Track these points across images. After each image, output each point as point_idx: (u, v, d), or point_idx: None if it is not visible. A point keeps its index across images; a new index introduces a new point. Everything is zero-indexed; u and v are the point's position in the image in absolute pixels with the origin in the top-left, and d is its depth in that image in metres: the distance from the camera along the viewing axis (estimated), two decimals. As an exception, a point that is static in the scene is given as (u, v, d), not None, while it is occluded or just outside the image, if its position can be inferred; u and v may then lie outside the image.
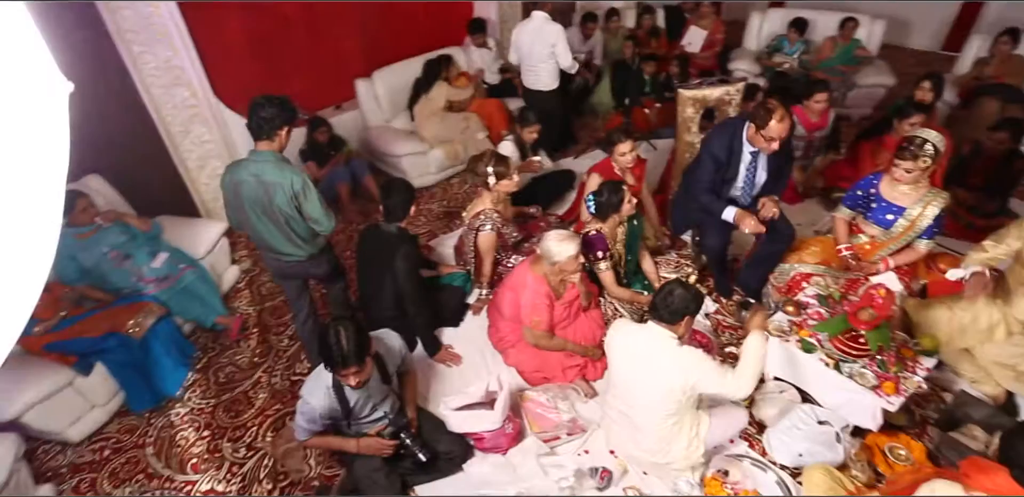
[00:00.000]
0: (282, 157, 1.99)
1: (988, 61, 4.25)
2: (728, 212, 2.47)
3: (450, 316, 2.65)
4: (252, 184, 1.94)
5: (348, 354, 1.62)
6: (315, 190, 2.00)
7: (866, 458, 1.99)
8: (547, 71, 3.65)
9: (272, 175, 1.93)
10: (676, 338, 1.78)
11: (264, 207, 1.98)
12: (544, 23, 3.51)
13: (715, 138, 2.46)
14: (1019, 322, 2.19)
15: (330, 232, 2.12)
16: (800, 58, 4.75)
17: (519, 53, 3.70)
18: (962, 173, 3.24)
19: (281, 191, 1.94)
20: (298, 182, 1.94)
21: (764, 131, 2.27)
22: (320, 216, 2.03)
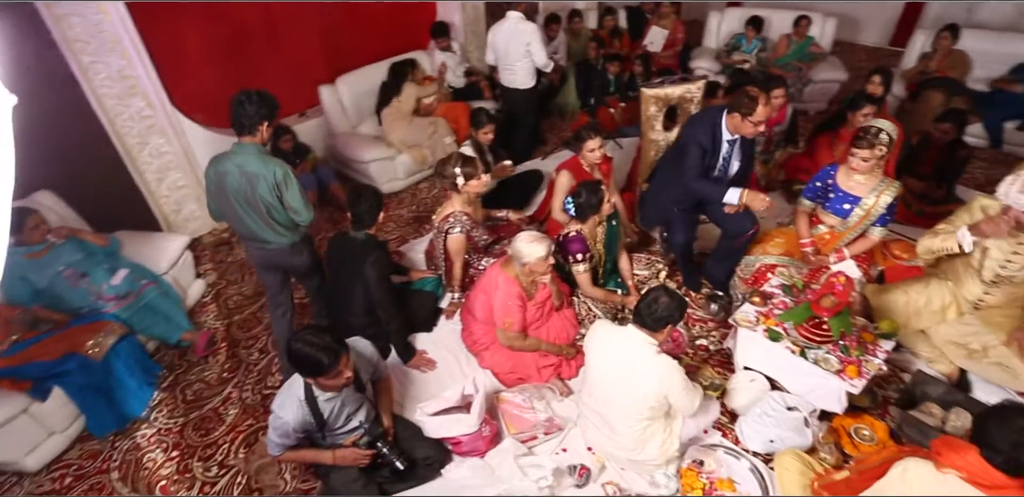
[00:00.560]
0: (264, 149, 2.08)
1: (931, 56, 4.45)
2: (732, 194, 2.46)
3: (423, 321, 2.63)
4: (236, 175, 2.02)
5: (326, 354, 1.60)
6: (296, 181, 2.08)
7: (833, 440, 2.05)
8: (523, 69, 3.71)
9: (255, 166, 2.01)
10: (656, 345, 1.80)
11: (247, 197, 2.06)
12: (518, 22, 3.58)
13: (698, 127, 2.50)
14: (968, 302, 2.30)
15: (309, 222, 2.20)
16: (758, 55, 4.89)
17: (496, 53, 3.74)
18: (911, 163, 3.38)
19: (264, 182, 2.02)
20: (280, 173, 2.03)
21: (751, 117, 2.35)
22: (300, 206, 2.12)
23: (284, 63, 3.70)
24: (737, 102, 2.37)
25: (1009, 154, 4.12)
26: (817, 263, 2.59)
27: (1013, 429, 1.31)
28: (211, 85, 3.35)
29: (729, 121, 2.45)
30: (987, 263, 2.19)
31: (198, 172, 3.27)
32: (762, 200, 2.44)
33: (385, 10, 4.25)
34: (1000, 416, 1.36)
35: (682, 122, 3.11)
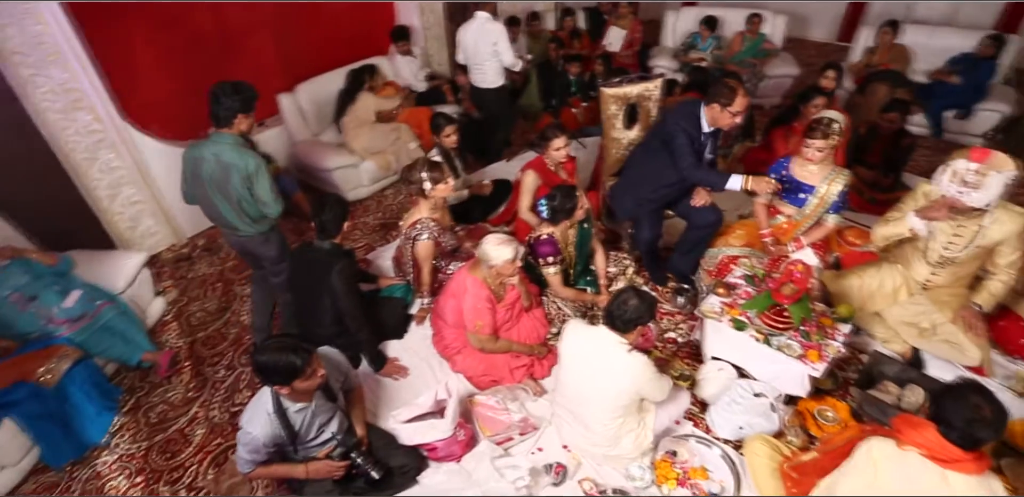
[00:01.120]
0: (242, 141, 2.13)
1: (875, 50, 4.66)
2: (735, 181, 2.50)
3: (393, 329, 2.61)
4: (212, 163, 2.11)
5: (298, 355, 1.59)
6: (267, 174, 2.16)
7: (799, 423, 2.12)
8: (492, 69, 3.76)
9: (230, 156, 2.09)
10: (627, 344, 1.82)
11: (220, 185, 2.14)
12: (486, 22, 3.62)
13: (682, 119, 2.54)
14: (917, 283, 2.41)
15: (277, 215, 2.28)
16: (713, 53, 5.03)
17: (465, 52, 3.76)
18: (861, 152, 3.52)
19: (237, 172, 2.10)
20: (252, 165, 2.11)
21: (731, 107, 2.42)
22: (269, 199, 2.20)
23: (240, 71, 3.61)
24: (717, 93, 2.44)
25: (950, 142, 4.34)
26: (777, 252, 2.67)
27: (967, 406, 1.37)
28: (164, 96, 3.25)
29: (708, 113, 2.51)
30: (932, 246, 2.30)
31: (153, 187, 3.17)
32: (767, 183, 2.51)
33: (343, 15, 4.20)
34: (955, 394, 1.42)
35: (642, 120, 3.18)
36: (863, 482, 1.52)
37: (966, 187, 2.02)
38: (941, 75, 4.40)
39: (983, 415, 1.35)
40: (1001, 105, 4.17)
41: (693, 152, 2.54)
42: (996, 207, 2.11)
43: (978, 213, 2.14)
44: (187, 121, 3.41)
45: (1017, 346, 2.40)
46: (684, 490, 1.90)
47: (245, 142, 2.17)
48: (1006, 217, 2.13)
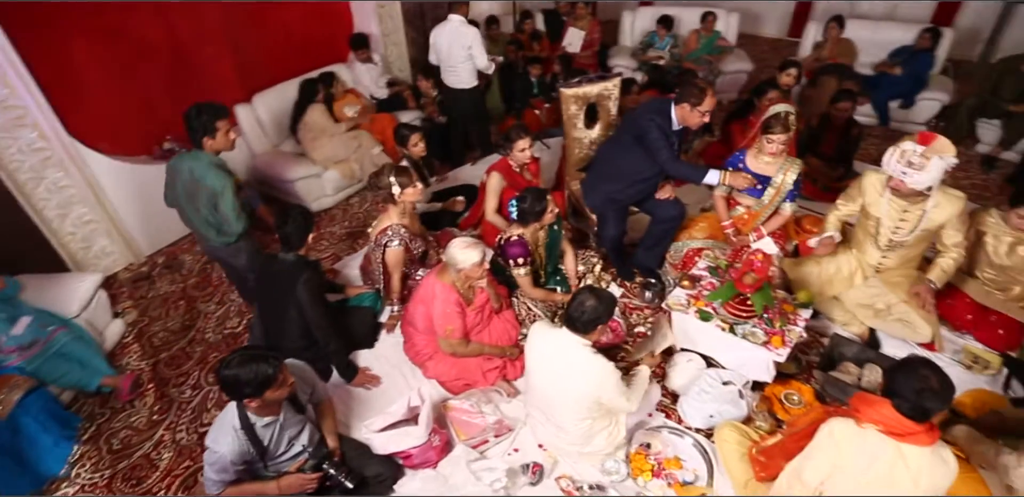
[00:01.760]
0: (217, 160, 2.27)
1: (823, 45, 4.84)
2: (712, 175, 2.60)
3: (363, 338, 2.58)
4: (187, 175, 2.26)
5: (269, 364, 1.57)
6: (232, 196, 2.27)
7: (766, 408, 2.17)
8: (466, 71, 3.79)
9: (200, 173, 2.22)
10: (590, 345, 1.82)
11: (191, 197, 2.30)
12: (460, 26, 3.64)
13: (655, 115, 2.60)
14: (871, 267, 2.51)
15: (238, 233, 2.38)
16: (671, 51, 5.14)
17: (439, 54, 3.78)
18: (814, 143, 3.65)
19: (204, 189, 2.24)
20: (218, 185, 2.23)
21: (700, 107, 2.49)
22: (232, 218, 2.31)
23: (194, 83, 3.54)
24: (687, 93, 2.50)
25: (896, 130, 4.53)
26: (739, 243, 2.74)
27: (916, 378, 1.44)
28: (114, 111, 3.16)
29: (678, 112, 2.57)
30: (881, 230, 2.40)
31: (106, 205, 3.07)
32: (744, 177, 2.60)
33: (300, 23, 4.15)
34: (905, 369, 1.49)
35: (603, 119, 3.23)
36: (827, 462, 1.56)
37: (910, 168, 2.11)
38: (884, 67, 4.60)
39: (931, 386, 1.41)
40: (940, 94, 4.38)
41: (669, 146, 2.59)
42: (937, 192, 2.22)
43: (921, 198, 2.25)
44: (138, 136, 3.32)
45: (964, 322, 2.52)
46: (659, 481, 1.93)
47: (220, 161, 2.28)
48: (946, 201, 2.23)
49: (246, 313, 2.87)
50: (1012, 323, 2.42)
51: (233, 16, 3.63)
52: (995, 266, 2.49)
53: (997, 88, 4.00)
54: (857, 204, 2.46)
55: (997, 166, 4.05)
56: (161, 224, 3.39)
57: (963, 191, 2.27)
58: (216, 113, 2.21)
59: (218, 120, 2.22)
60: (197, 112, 2.18)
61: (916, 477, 1.47)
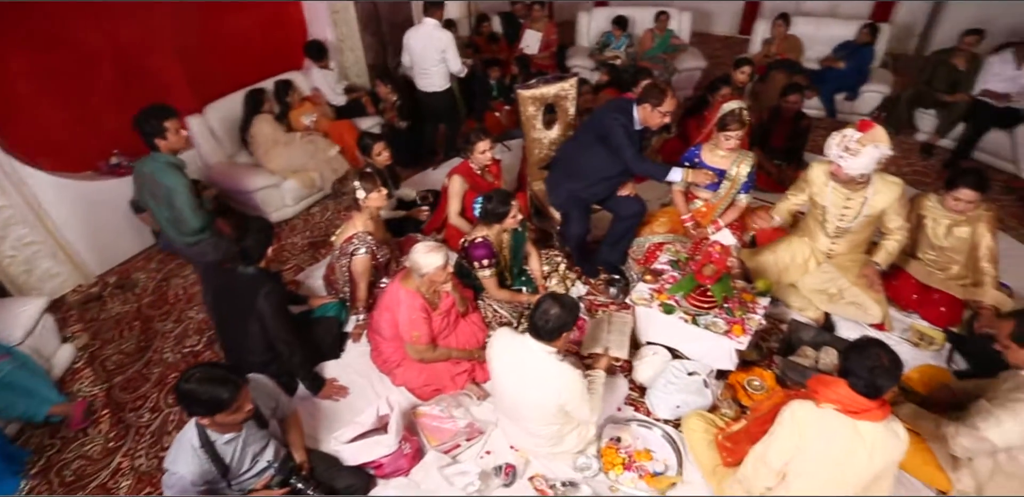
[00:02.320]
0: (173, 160, 2.32)
1: (772, 41, 5.02)
2: (675, 173, 2.68)
3: (329, 348, 2.53)
4: (147, 177, 2.32)
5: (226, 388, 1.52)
6: (186, 192, 2.31)
7: (730, 395, 2.23)
8: (438, 74, 3.82)
9: (158, 174, 2.29)
10: (555, 351, 1.81)
11: (155, 198, 2.37)
12: (434, 30, 3.67)
13: (619, 115, 2.63)
14: (822, 253, 2.60)
15: (193, 230, 2.40)
16: (627, 51, 5.23)
17: (412, 57, 3.80)
18: (766, 136, 3.78)
19: (162, 189, 2.30)
20: (171, 182, 2.29)
21: (661, 107, 2.54)
22: (187, 215, 2.34)
23: (141, 94, 3.39)
24: (648, 94, 2.55)
25: (842, 121, 4.71)
26: (699, 235, 2.81)
27: (867, 356, 1.51)
28: (54, 125, 3.02)
29: (640, 112, 2.61)
30: (828, 218, 2.50)
31: (49, 225, 2.92)
32: (705, 174, 2.68)
33: (253, 31, 4.06)
34: (857, 349, 1.56)
35: (561, 119, 3.26)
36: (790, 443, 1.61)
37: (846, 153, 2.21)
38: (829, 62, 4.79)
39: (882, 363, 1.49)
40: (881, 86, 4.60)
41: (632, 144, 2.63)
42: (876, 179, 2.32)
43: (862, 186, 2.35)
44: (83, 151, 3.19)
45: (909, 301, 2.64)
46: (631, 473, 1.96)
47: (176, 161, 2.34)
48: (885, 187, 2.34)
49: (206, 330, 2.79)
50: (952, 300, 2.55)
51: (182, 24, 3.52)
52: (935, 247, 2.62)
53: (931, 79, 4.22)
54: (806, 194, 2.55)
55: (934, 153, 4.27)
56: (111, 242, 3.25)
57: (904, 177, 2.39)
58: (162, 114, 2.26)
59: (165, 120, 2.26)
60: (144, 117, 2.25)
61: (871, 451, 1.53)
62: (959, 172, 2.48)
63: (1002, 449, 1.70)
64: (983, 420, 1.70)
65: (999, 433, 1.66)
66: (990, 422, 1.68)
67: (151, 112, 2.26)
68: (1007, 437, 1.65)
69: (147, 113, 2.26)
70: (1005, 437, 1.65)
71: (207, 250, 2.50)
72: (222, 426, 1.63)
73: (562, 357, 1.82)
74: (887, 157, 2.21)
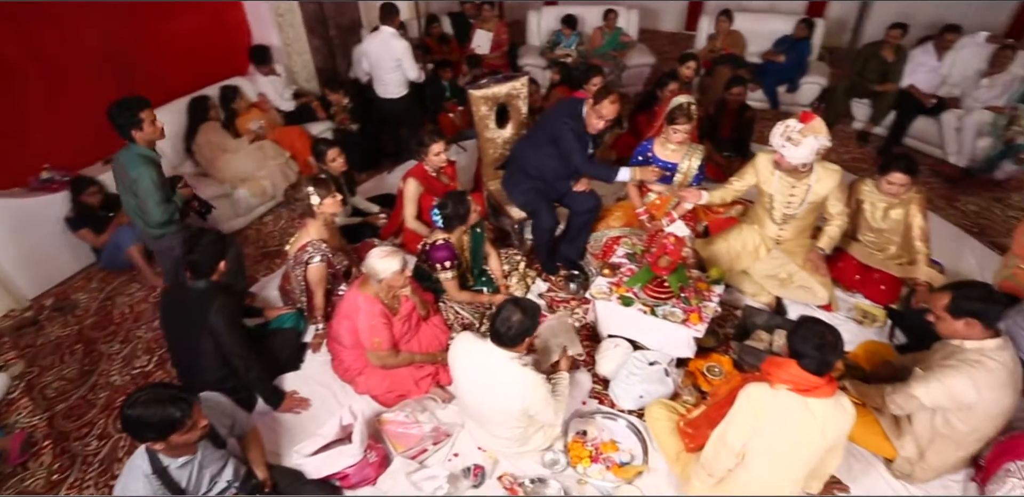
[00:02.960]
0: (144, 151, 2.34)
1: (716, 37, 5.18)
2: (623, 173, 2.72)
3: (288, 360, 2.46)
4: (120, 167, 2.37)
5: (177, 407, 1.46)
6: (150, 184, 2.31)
7: (691, 382, 2.29)
8: (394, 81, 3.86)
9: (128, 164, 2.31)
10: (518, 357, 1.81)
11: (124, 186, 2.41)
12: (390, 38, 3.72)
13: (568, 119, 2.65)
14: (771, 240, 2.71)
15: (157, 220, 2.41)
16: (578, 49, 5.30)
17: (370, 64, 3.83)
18: (714, 128, 3.90)
19: (128, 179, 2.33)
20: (135, 174, 2.30)
21: (598, 107, 2.57)
22: (150, 207, 2.35)
23: (72, 106, 3.22)
24: (595, 93, 2.60)
25: (785, 112, 4.91)
26: (653, 228, 2.87)
27: (813, 334, 1.58)
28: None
29: (586, 108, 2.65)
30: (775, 206, 2.60)
31: (-27, 246, 2.73)
32: (652, 171, 2.74)
33: (193, 37, 3.90)
34: (801, 329, 1.62)
35: (514, 118, 3.27)
36: (747, 425, 1.66)
37: (789, 143, 2.31)
38: (770, 55, 4.99)
39: (827, 340, 1.56)
40: (819, 78, 4.83)
41: (583, 148, 2.66)
42: (817, 167, 2.43)
43: (805, 174, 2.45)
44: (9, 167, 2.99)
45: (852, 282, 2.78)
46: (598, 465, 1.98)
47: (148, 152, 2.35)
48: (826, 175, 2.46)
49: (156, 349, 2.66)
50: (891, 279, 2.70)
51: (114, 32, 3.35)
52: (873, 229, 2.77)
53: (863, 71, 4.45)
54: (747, 181, 2.64)
55: (870, 140, 4.51)
56: (46, 262, 3.06)
57: (843, 164, 2.50)
58: (137, 105, 2.29)
59: (140, 111, 2.28)
60: (117, 108, 2.26)
61: (823, 427, 1.60)
62: (891, 158, 2.62)
63: (929, 407, 1.81)
64: (916, 382, 1.81)
65: (925, 391, 1.76)
66: (919, 382, 1.79)
67: (125, 104, 2.26)
68: (932, 394, 1.75)
69: (121, 105, 2.26)
70: (931, 394, 1.76)
71: (173, 244, 2.49)
72: (175, 449, 1.56)
73: (524, 362, 1.82)
74: (825, 148, 2.32)
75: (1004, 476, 1.80)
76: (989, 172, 3.83)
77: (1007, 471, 1.80)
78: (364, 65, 3.93)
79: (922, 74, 4.28)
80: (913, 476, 1.99)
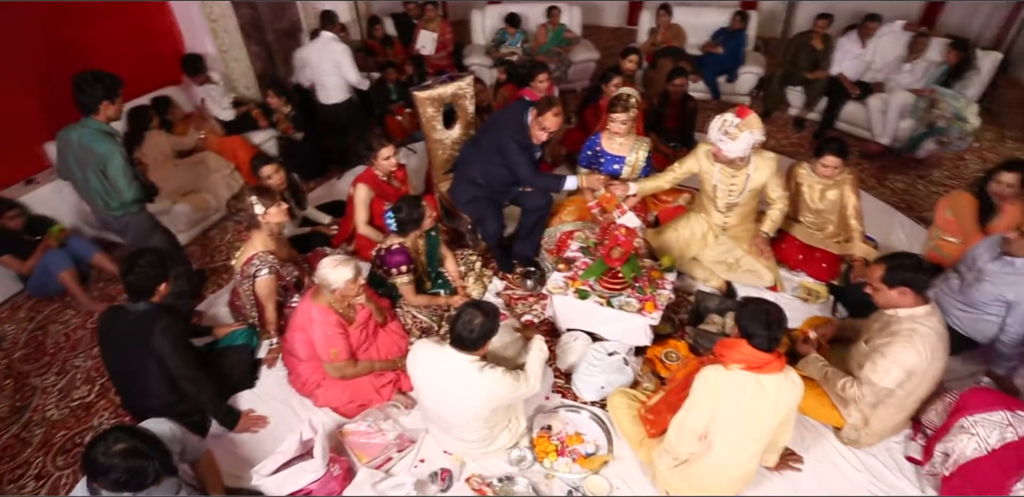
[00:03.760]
0: (106, 128, 2.30)
1: (657, 30, 5.30)
2: (570, 182, 2.75)
3: (242, 379, 2.37)
4: (76, 145, 2.28)
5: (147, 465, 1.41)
6: (121, 161, 2.29)
7: (649, 369, 2.34)
8: (334, 85, 3.86)
9: (89, 139, 2.25)
10: (478, 359, 1.80)
11: (82, 166, 2.32)
12: (328, 42, 3.75)
13: (510, 130, 2.65)
14: (717, 227, 2.79)
15: (129, 200, 2.38)
16: (523, 46, 5.31)
17: (311, 71, 3.83)
18: (658, 120, 3.99)
19: (93, 156, 2.26)
20: (106, 150, 2.26)
21: (541, 119, 2.58)
22: (122, 185, 2.31)
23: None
24: (539, 103, 2.62)
25: (726, 102, 5.10)
26: (605, 220, 2.91)
27: (759, 313, 1.64)
28: None
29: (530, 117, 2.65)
30: (718, 195, 2.69)
31: None
32: (597, 179, 2.78)
33: (120, 46, 3.69)
34: (747, 310, 1.69)
35: (461, 118, 3.25)
36: (707, 407, 1.71)
37: (725, 137, 2.38)
38: (709, 47, 5.14)
39: (773, 317, 1.63)
40: (756, 68, 5.01)
41: (529, 159, 2.67)
42: (754, 157, 2.52)
43: (744, 164, 2.54)
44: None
45: (795, 261, 2.90)
46: (564, 458, 2.00)
47: (110, 129, 2.32)
48: (762, 163, 2.55)
49: (98, 377, 2.51)
50: (831, 257, 2.84)
51: (30, 44, 3.14)
52: (812, 210, 2.90)
53: (795, 59, 4.66)
54: (687, 168, 2.71)
55: (805, 125, 4.73)
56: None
57: (782, 150, 2.61)
58: (118, 82, 2.28)
59: (119, 87, 2.28)
60: (95, 78, 2.22)
61: (775, 401, 1.67)
62: (824, 141, 2.75)
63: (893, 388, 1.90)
64: (872, 371, 1.87)
65: (887, 379, 1.86)
66: (879, 373, 1.86)
67: (104, 76, 2.24)
68: (891, 376, 1.85)
69: (97, 76, 2.22)
70: (890, 377, 1.85)
71: (132, 222, 2.48)
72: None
73: (484, 364, 1.81)
74: (760, 142, 2.41)
75: (958, 432, 1.90)
76: (912, 151, 4.07)
77: (961, 427, 1.91)
78: (307, 73, 3.89)
79: (849, 61, 4.51)
80: (859, 442, 2.09)
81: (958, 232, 2.61)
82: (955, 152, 4.14)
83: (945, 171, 4.12)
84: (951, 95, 3.84)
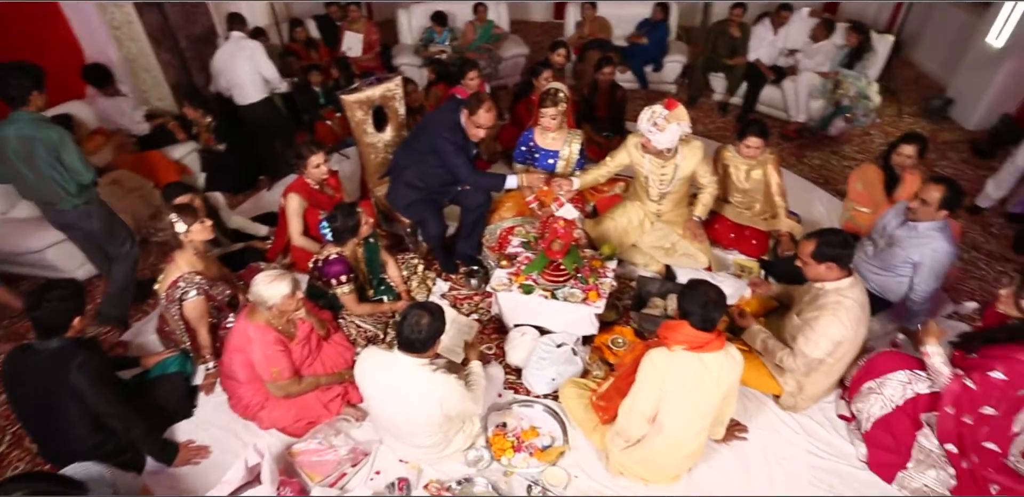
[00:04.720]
0: (41, 116, 2.26)
1: (583, 24, 5.38)
2: (511, 181, 2.72)
3: (177, 408, 2.23)
4: (14, 140, 2.20)
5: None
6: (73, 143, 2.26)
7: (598, 357, 2.39)
8: (251, 83, 3.75)
9: (30, 131, 2.19)
10: (428, 362, 1.78)
11: (27, 161, 2.24)
12: (240, 40, 3.69)
13: (445, 130, 2.60)
14: (652, 214, 2.88)
15: (91, 181, 2.37)
16: (451, 44, 5.27)
17: (225, 75, 3.74)
18: (589, 110, 4.06)
19: (40, 145, 2.21)
20: (56, 136, 2.22)
21: (474, 118, 2.54)
22: (80, 167, 2.29)
23: None
24: (468, 101, 2.57)
25: (654, 90, 5.26)
26: (545, 214, 2.93)
27: (697, 293, 1.70)
28: None
29: (463, 117, 2.62)
30: (650, 184, 2.77)
31: None
32: (538, 178, 2.77)
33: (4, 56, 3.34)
34: (688, 291, 1.75)
35: (392, 120, 3.18)
36: (655, 389, 1.76)
37: (654, 128, 2.45)
38: (634, 38, 5.28)
39: (711, 298, 1.69)
40: (679, 56, 5.20)
41: (467, 159, 2.65)
42: (681, 146, 2.61)
43: (672, 154, 2.63)
44: None
45: (728, 240, 3.05)
46: (521, 454, 2.01)
47: (44, 117, 2.28)
48: (689, 152, 2.65)
49: (8, 425, 2.28)
50: (760, 234, 3.00)
51: None
52: (740, 190, 3.04)
53: (715, 47, 4.85)
54: (619, 160, 2.78)
55: (729, 110, 4.95)
56: None
57: (709, 134, 2.70)
58: (42, 71, 2.24)
59: (44, 76, 2.24)
60: (20, 68, 2.17)
61: (718, 378, 1.73)
62: (746, 124, 2.89)
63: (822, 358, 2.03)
64: (804, 344, 2.00)
65: (817, 350, 1.99)
66: (810, 346, 1.99)
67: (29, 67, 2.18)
68: (821, 348, 1.99)
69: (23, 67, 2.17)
70: (820, 348, 1.99)
71: (95, 208, 2.45)
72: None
73: (435, 366, 1.80)
74: (687, 134, 2.50)
75: (867, 394, 2.08)
76: (824, 129, 4.37)
77: (869, 389, 2.08)
78: (222, 79, 3.74)
79: (764, 48, 4.75)
80: (797, 407, 2.23)
81: (869, 203, 2.81)
82: (862, 128, 4.46)
83: (855, 146, 4.42)
84: (853, 75, 4.12)
